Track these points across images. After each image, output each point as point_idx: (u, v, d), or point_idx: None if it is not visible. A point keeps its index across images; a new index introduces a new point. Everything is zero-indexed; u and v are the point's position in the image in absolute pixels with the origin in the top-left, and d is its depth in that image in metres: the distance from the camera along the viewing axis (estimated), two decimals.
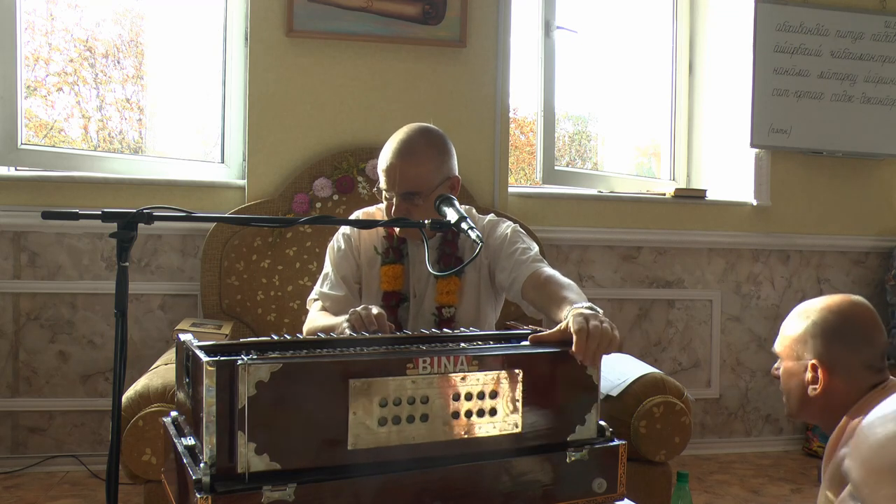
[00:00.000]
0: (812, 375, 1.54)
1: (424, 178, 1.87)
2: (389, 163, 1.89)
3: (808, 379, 1.54)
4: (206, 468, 1.11)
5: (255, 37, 3.06)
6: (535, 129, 3.63)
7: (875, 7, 3.70)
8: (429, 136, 1.93)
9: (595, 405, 1.38)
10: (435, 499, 1.23)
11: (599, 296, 3.39)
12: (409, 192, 1.87)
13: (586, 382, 1.38)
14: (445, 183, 1.92)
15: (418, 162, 1.87)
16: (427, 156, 1.89)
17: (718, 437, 3.67)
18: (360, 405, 1.18)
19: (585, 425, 1.37)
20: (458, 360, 1.26)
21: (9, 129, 2.95)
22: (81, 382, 3.06)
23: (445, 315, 1.96)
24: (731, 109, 3.69)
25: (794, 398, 1.59)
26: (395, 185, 1.88)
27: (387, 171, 1.89)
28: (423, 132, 1.93)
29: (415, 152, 1.88)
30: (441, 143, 1.93)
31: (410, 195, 1.87)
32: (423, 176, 1.87)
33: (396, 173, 1.87)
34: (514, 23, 3.30)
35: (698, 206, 3.59)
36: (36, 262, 3.01)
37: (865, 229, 3.80)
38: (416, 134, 1.92)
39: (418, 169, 1.87)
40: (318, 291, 2.03)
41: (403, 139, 1.91)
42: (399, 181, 1.87)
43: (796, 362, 1.57)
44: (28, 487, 2.85)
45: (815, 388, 1.53)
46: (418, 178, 1.87)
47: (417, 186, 1.87)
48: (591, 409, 1.38)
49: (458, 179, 1.96)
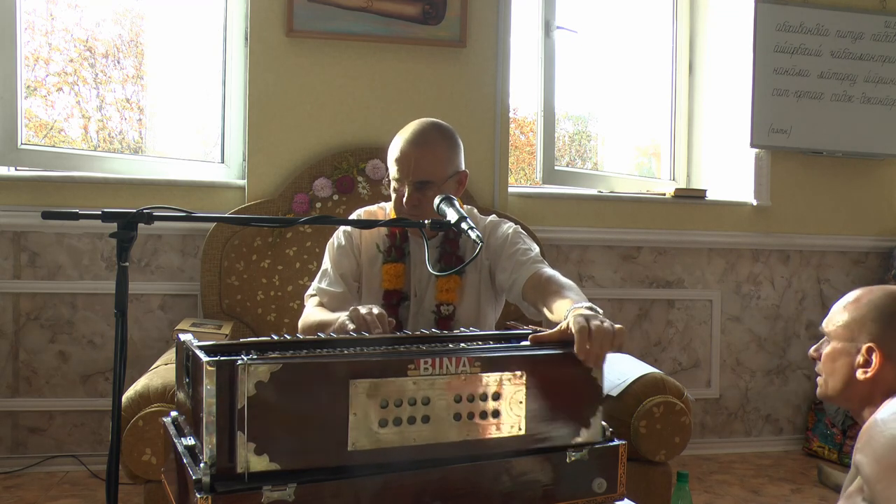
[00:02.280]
0: (865, 358, 1.51)
1: (438, 168, 1.90)
2: (403, 151, 1.90)
3: (860, 362, 1.52)
4: (206, 468, 1.11)
5: (255, 37, 3.06)
6: (535, 129, 3.63)
7: (875, 7, 3.70)
8: (441, 129, 1.96)
9: (600, 408, 1.37)
10: (435, 499, 1.23)
11: (599, 296, 3.39)
12: (422, 181, 1.88)
13: (591, 385, 1.36)
14: (455, 176, 1.95)
15: (433, 151, 1.90)
16: (441, 146, 1.92)
17: (718, 437, 3.67)
18: (360, 406, 1.18)
19: (591, 429, 1.36)
20: (461, 362, 1.25)
21: (9, 129, 2.95)
22: (81, 382, 3.06)
23: (444, 312, 1.97)
24: (731, 109, 3.69)
25: (838, 379, 1.56)
26: (409, 174, 1.89)
27: (400, 159, 1.90)
28: (436, 124, 1.97)
29: (429, 142, 1.91)
30: (452, 136, 1.97)
31: (424, 184, 1.88)
32: (436, 165, 1.90)
33: (411, 161, 1.88)
34: (514, 23, 3.30)
35: (698, 206, 3.59)
36: (36, 262, 3.01)
37: (865, 229, 3.80)
38: (429, 126, 1.95)
39: (433, 157, 1.89)
40: (315, 287, 2.04)
41: (417, 129, 1.93)
42: (414, 169, 1.88)
43: (848, 343, 1.54)
44: (28, 487, 2.85)
45: (867, 371, 1.51)
46: (432, 166, 1.89)
47: (431, 175, 1.89)
48: (596, 412, 1.36)
49: (465, 174, 2.00)
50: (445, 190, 1.89)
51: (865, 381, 1.51)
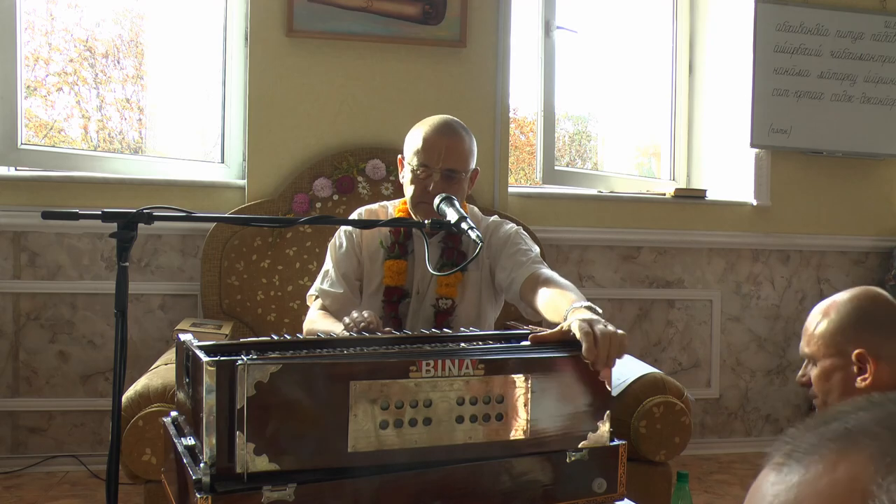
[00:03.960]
0: (859, 366, 1.48)
1: (464, 159, 1.93)
2: (432, 140, 1.91)
3: (856, 371, 1.48)
4: (205, 468, 1.11)
5: (255, 37, 3.06)
6: (535, 129, 3.63)
7: (875, 7, 3.70)
8: (461, 124, 2.00)
9: (607, 412, 1.34)
10: (435, 499, 1.22)
11: (599, 296, 3.38)
12: (451, 170, 1.90)
13: (598, 388, 1.34)
14: (472, 172, 1.98)
15: (461, 141, 1.94)
16: (466, 139, 1.96)
17: (718, 437, 3.67)
18: (360, 407, 1.17)
19: (598, 433, 1.34)
20: (463, 364, 1.23)
21: (9, 129, 2.95)
22: (81, 382, 3.06)
23: (443, 306, 1.98)
24: (731, 109, 3.69)
25: (838, 395, 1.51)
26: (439, 160, 1.89)
27: (428, 147, 1.90)
28: (457, 120, 2.01)
29: (457, 133, 1.94)
30: (471, 133, 2.01)
31: (452, 172, 1.90)
32: (464, 155, 1.93)
33: (442, 149, 1.90)
34: (514, 23, 3.30)
35: (698, 206, 3.59)
36: (36, 262, 3.01)
37: (865, 229, 3.79)
38: (453, 119, 1.99)
39: (462, 147, 1.93)
40: (317, 288, 2.04)
41: (443, 120, 1.96)
42: (445, 156, 1.89)
43: (837, 357, 1.50)
44: (28, 487, 2.85)
45: (865, 378, 1.47)
46: (461, 155, 1.92)
47: (459, 164, 1.91)
48: (604, 416, 1.34)
49: (478, 172, 2.03)
50: (464, 183, 1.93)
51: (867, 388, 1.47)
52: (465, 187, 1.94)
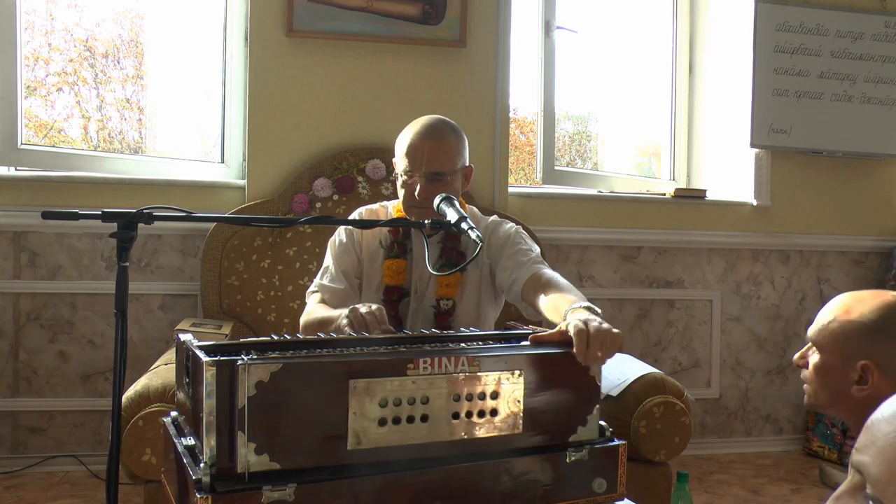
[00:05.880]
0: (860, 376, 1.43)
1: (449, 160, 1.92)
2: (415, 144, 1.91)
3: (856, 379, 1.43)
4: (206, 468, 1.11)
5: (255, 37, 3.06)
6: (535, 129, 3.63)
7: (875, 7, 3.70)
8: (449, 123, 1.99)
9: (597, 406, 1.38)
10: (435, 499, 1.23)
11: (599, 296, 3.39)
12: (434, 173, 1.90)
13: (588, 383, 1.37)
14: (463, 170, 1.97)
15: (444, 143, 1.92)
16: (450, 139, 1.94)
17: (718, 437, 3.67)
18: (360, 405, 1.18)
19: (587, 426, 1.37)
20: (460, 361, 1.26)
21: (9, 129, 2.95)
22: (81, 382, 3.06)
23: (443, 307, 1.98)
24: (730, 109, 3.69)
25: (829, 393, 1.48)
26: (421, 165, 1.89)
27: (412, 152, 1.91)
28: (443, 119, 2.00)
29: (440, 134, 1.93)
30: (460, 130, 2.00)
31: (437, 175, 1.90)
32: (448, 157, 1.91)
33: (424, 154, 1.89)
34: (514, 23, 3.30)
35: (698, 206, 3.59)
36: (36, 262, 3.01)
37: (865, 229, 3.79)
38: (437, 120, 1.98)
39: (444, 149, 1.91)
40: (317, 283, 2.04)
41: (427, 123, 1.95)
42: (427, 160, 1.89)
43: (841, 360, 1.46)
44: (28, 487, 2.85)
45: (863, 388, 1.43)
46: (445, 156, 1.91)
47: (443, 167, 1.90)
48: (593, 409, 1.38)
49: (471, 169, 2.02)
50: (454, 183, 1.92)
51: (861, 397, 1.43)
52: (456, 186, 1.93)
